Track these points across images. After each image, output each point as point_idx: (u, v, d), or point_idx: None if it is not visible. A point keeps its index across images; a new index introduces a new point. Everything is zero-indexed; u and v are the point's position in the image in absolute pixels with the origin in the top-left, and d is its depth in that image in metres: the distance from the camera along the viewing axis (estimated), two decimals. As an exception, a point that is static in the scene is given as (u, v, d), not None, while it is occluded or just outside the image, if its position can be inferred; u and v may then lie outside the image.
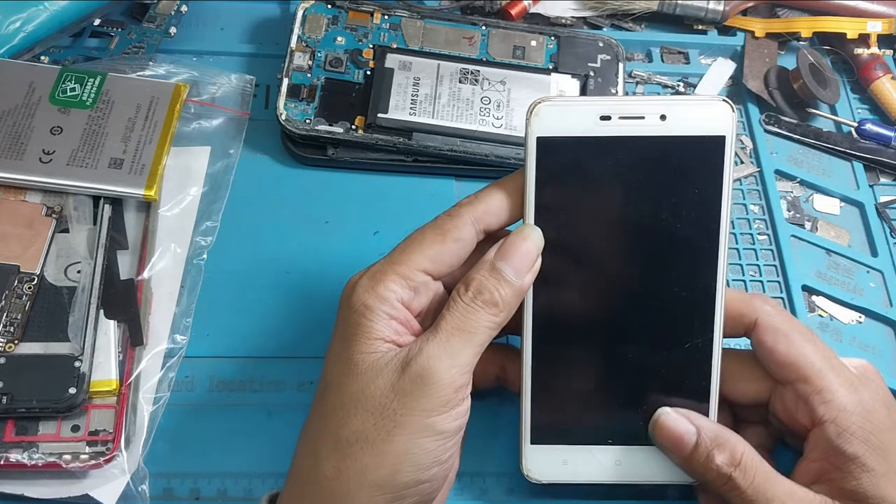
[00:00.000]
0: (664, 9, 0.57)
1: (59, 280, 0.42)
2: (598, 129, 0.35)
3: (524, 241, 0.35)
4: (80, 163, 0.44)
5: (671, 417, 0.36)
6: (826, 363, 0.36)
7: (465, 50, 0.52)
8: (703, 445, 0.35)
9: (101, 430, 0.39)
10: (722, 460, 0.35)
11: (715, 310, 0.37)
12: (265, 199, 0.48)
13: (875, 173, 0.54)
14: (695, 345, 0.37)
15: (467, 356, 0.34)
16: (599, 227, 0.36)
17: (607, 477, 0.38)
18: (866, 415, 0.35)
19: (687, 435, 0.36)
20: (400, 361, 0.33)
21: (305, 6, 0.52)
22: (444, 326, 0.34)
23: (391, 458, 0.32)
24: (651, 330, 0.37)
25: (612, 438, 0.38)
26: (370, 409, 0.33)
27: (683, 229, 0.36)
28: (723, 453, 0.35)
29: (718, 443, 0.35)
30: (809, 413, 0.36)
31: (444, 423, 0.33)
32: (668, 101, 0.36)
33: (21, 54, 0.50)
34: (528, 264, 0.35)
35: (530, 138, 0.35)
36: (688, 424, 0.36)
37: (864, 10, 0.57)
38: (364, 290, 0.34)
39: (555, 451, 0.38)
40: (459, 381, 0.33)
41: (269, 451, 0.40)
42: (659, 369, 0.37)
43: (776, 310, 0.37)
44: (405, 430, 0.32)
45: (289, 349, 0.44)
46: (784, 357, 0.36)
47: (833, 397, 0.35)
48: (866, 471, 0.35)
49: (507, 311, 0.35)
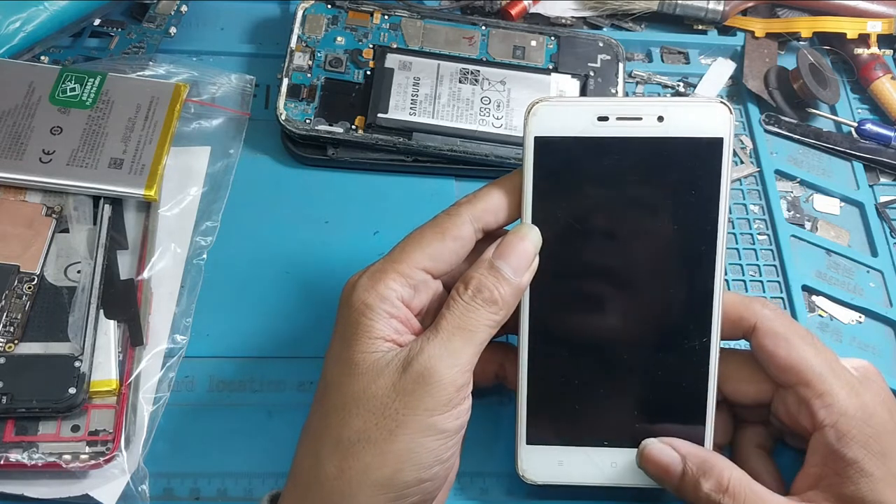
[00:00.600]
0: (664, 9, 0.57)
1: (59, 280, 0.42)
2: (595, 129, 0.35)
3: (522, 241, 0.35)
4: (80, 163, 0.44)
5: (656, 448, 0.36)
6: (826, 367, 0.36)
7: (465, 50, 0.52)
8: (689, 474, 0.35)
9: (101, 430, 0.39)
10: (709, 487, 0.35)
11: (712, 312, 0.37)
12: (265, 199, 0.48)
13: (875, 173, 0.54)
14: (692, 346, 0.37)
15: (468, 355, 0.34)
16: (596, 228, 0.36)
17: (603, 479, 0.38)
18: (867, 419, 0.35)
19: (672, 464, 0.36)
20: (401, 361, 0.33)
21: (305, 6, 0.52)
22: (445, 325, 0.34)
23: (393, 457, 0.32)
24: (647, 331, 0.37)
25: (608, 440, 0.38)
26: (372, 408, 0.33)
27: (681, 231, 0.36)
28: (709, 481, 0.35)
29: (704, 469, 0.35)
30: (810, 417, 0.36)
31: (445, 423, 0.33)
32: (666, 102, 0.36)
33: (21, 54, 0.50)
34: (526, 263, 0.35)
35: (528, 138, 0.36)
36: (672, 453, 0.36)
37: (864, 10, 0.57)
38: (364, 288, 0.34)
39: (550, 452, 0.38)
40: (461, 381, 0.33)
41: (269, 451, 0.40)
42: (655, 371, 0.37)
43: (775, 313, 0.37)
44: (407, 430, 0.32)
45: (289, 349, 0.44)
46: (784, 361, 0.36)
47: (834, 401, 0.35)
48: (865, 476, 0.34)
49: (507, 309, 0.35)
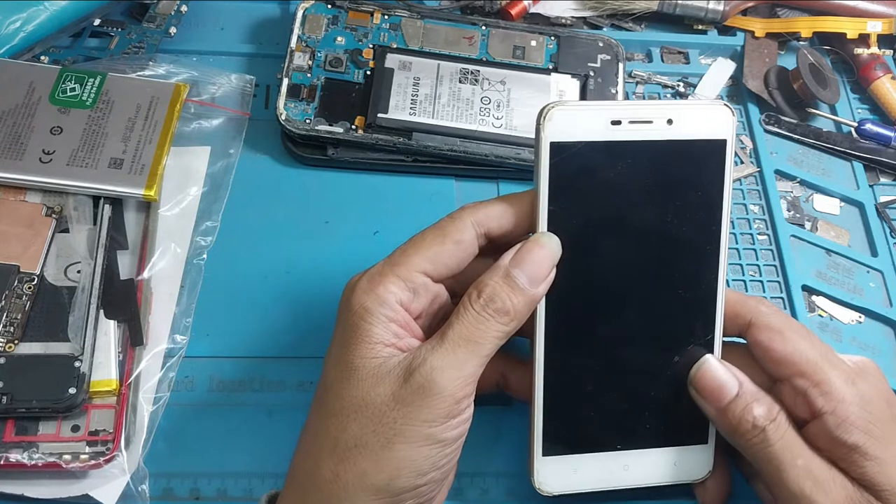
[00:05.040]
0: (664, 9, 0.57)
1: (59, 280, 0.42)
2: (609, 133, 0.35)
3: (541, 249, 0.35)
4: (80, 163, 0.44)
5: (715, 366, 0.37)
6: (822, 357, 0.36)
7: (465, 50, 0.52)
8: (743, 398, 0.36)
9: (101, 430, 0.39)
10: (760, 412, 0.35)
11: (717, 311, 0.37)
12: (265, 199, 0.48)
13: (875, 173, 0.54)
14: (697, 345, 0.37)
15: (472, 367, 0.33)
16: (609, 232, 0.36)
17: (616, 482, 0.38)
18: (865, 405, 0.35)
19: (729, 385, 0.36)
20: (402, 370, 0.33)
21: (305, 6, 0.52)
22: (451, 336, 0.33)
23: (390, 464, 0.32)
24: (655, 332, 0.37)
25: (621, 443, 0.38)
26: (370, 415, 0.32)
27: (688, 231, 0.36)
28: (762, 406, 0.35)
29: (758, 397, 0.36)
30: (808, 406, 0.36)
31: (444, 433, 0.33)
32: (675, 105, 0.36)
33: (21, 54, 0.50)
34: (543, 273, 0.34)
35: (543, 143, 0.35)
36: (731, 376, 0.36)
37: (864, 10, 0.57)
38: (362, 291, 0.34)
39: (565, 461, 0.38)
40: (462, 393, 0.33)
41: (269, 451, 0.40)
42: (663, 370, 0.37)
43: (771, 309, 0.38)
44: (405, 439, 0.32)
45: (289, 349, 0.44)
46: (780, 354, 0.36)
47: (831, 389, 0.35)
48: (870, 459, 0.34)
49: (518, 320, 0.34)
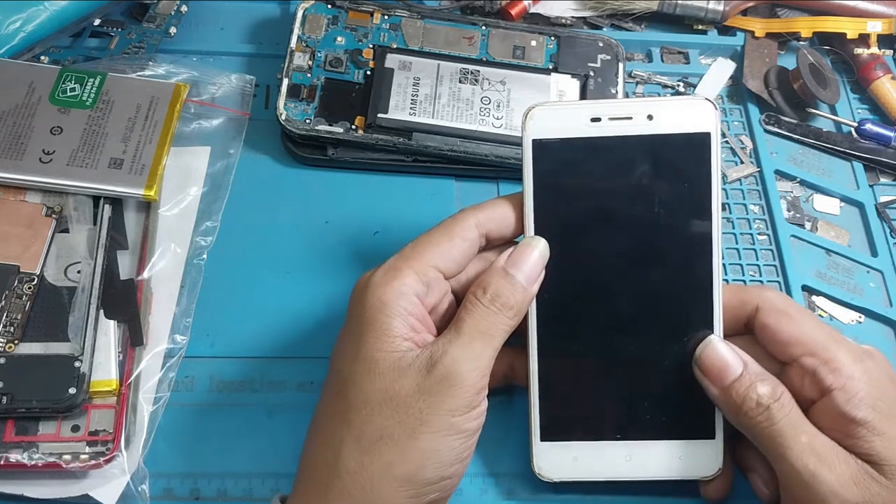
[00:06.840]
0: (664, 9, 0.57)
1: (59, 280, 0.42)
2: (589, 129, 0.37)
3: (533, 251, 0.37)
4: (80, 163, 0.44)
5: (720, 346, 0.37)
6: (830, 337, 0.37)
7: (465, 50, 0.52)
8: (747, 377, 0.36)
9: (101, 430, 0.39)
10: (764, 391, 0.35)
11: (713, 300, 0.38)
12: (265, 199, 0.48)
13: (875, 173, 0.54)
14: (697, 331, 0.38)
15: (487, 358, 0.35)
16: (597, 225, 0.37)
17: (617, 473, 0.38)
18: (873, 382, 0.35)
19: (733, 364, 0.36)
20: (424, 362, 0.34)
21: (305, 6, 0.52)
22: (466, 329, 0.35)
23: (416, 455, 0.33)
24: (652, 323, 0.38)
25: (621, 433, 0.38)
26: (395, 407, 0.33)
27: (677, 222, 0.37)
28: (766, 385, 0.36)
29: (763, 377, 0.36)
30: (817, 384, 0.36)
31: (466, 423, 0.34)
32: (654, 101, 0.38)
33: (21, 54, 0.50)
34: (536, 273, 0.37)
35: (526, 141, 0.37)
36: (735, 356, 0.37)
37: (864, 10, 0.57)
38: (378, 285, 0.35)
39: (565, 448, 0.38)
40: (481, 384, 0.34)
41: (269, 451, 0.40)
42: (662, 361, 0.38)
43: (775, 293, 0.38)
44: (430, 429, 0.33)
45: (289, 349, 0.44)
46: (789, 335, 0.37)
47: (840, 366, 0.36)
48: (877, 434, 0.35)
49: (520, 316, 0.36)
